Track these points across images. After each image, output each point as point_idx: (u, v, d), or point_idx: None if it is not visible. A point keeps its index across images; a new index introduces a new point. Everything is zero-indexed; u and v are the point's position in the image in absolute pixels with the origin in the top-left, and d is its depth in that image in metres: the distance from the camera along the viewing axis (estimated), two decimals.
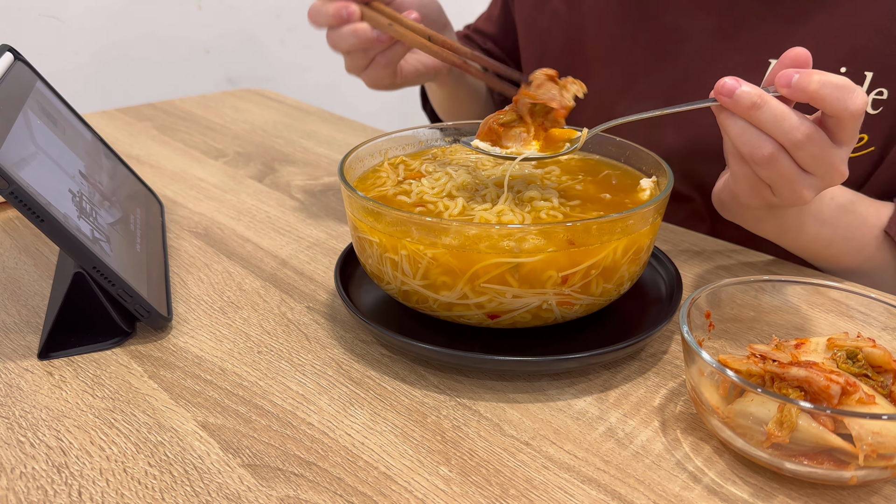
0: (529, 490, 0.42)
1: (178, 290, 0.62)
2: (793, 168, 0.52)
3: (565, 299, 0.50)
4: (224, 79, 1.76)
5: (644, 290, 0.60)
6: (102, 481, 0.42)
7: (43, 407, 0.48)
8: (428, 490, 0.42)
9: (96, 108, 1.16)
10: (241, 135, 1.04)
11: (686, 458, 0.45)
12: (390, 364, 0.53)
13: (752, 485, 0.42)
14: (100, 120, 1.09)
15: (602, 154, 0.65)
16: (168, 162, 0.92)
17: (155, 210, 0.74)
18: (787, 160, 0.51)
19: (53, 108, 0.63)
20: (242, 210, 0.78)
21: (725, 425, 0.43)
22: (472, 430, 0.47)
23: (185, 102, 1.19)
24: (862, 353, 0.44)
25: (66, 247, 0.51)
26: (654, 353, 0.54)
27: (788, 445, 0.40)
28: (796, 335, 0.52)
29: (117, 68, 1.63)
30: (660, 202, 0.51)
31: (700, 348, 0.43)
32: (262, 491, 0.42)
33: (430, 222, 0.48)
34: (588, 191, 0.58)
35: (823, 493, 0.42)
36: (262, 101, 1.21)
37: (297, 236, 0.72)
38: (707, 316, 0.50)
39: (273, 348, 0.55)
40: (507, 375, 0.52)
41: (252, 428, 0.46)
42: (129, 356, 0.53)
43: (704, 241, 0.72)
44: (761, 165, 0.52)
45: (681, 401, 0.49)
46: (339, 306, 0.60)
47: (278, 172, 0.90)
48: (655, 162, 0.58)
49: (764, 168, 0.52)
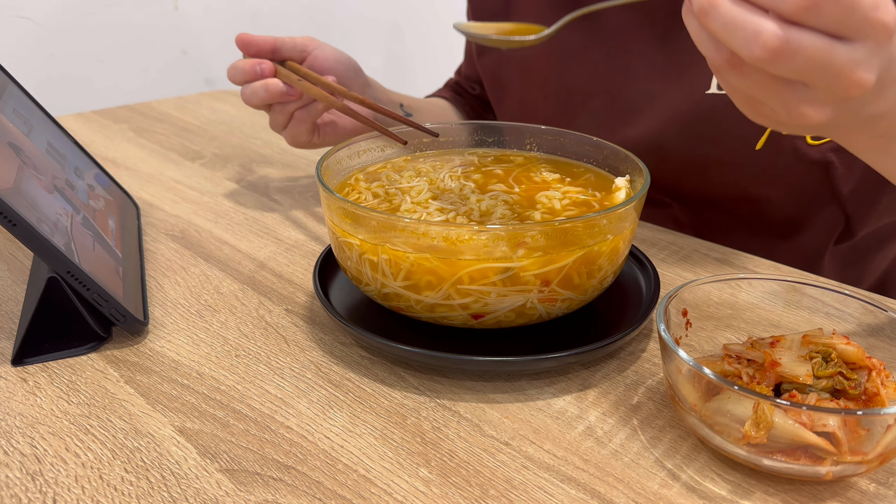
0: (509, 490, 0.42)
1: (154, 293, 0.62)
2: (772, 80, 0.41)
3: (548, 297, 0.50)
4: (201, 80, 1.75)
5: (622, 289, 0.60)
6: (78, 488, 0.42)
7: (17, 414, 0.47)
8: (408, 492, 0.42)
9: (71, 110, 1.15)
10: (218, 136, 1.03)
11: (664, 455, 0.45)
12: (370, 366, 0.53)
13: (730, 481, 0.43)
14: (75, 122, 1.07)
15: (578, 155, 0.65)
16: (144, 164, 0.91)
17: (131, 213, 0.73)
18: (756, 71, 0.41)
19: (27, 110, 0.62)
20: (220, 212, 0.78)
21: (703, 423, 0.43)
22: (451, 430, 0.47)
23: (161, 104, 1.18)
24: (835, 352, 0.45)
25: (39, 251, 0.50)
26: (633, 351, 0.55)
27: (765, 443, 0.41)
28: (773, 332, 0.52)
29: (92, 70, 1.61)
30: (639, 200, 0.52)
31: (677, 346, 0.43)
32: (240, 496, 0.41)
33: (411, 223, 0.48)
34: None
35: (800, 489, 0.42)
36: (239, 102, 1.20)
37: (275, 238, 0.72)
38: (684, 314, 0.51)
39: (251, 351, 0.54)
40: (487, 376, 0.52)
41: (230, 432, 0.46)
42: (104, 361, 0.53)
43: (682, 239, 0.73)
44: (727, 76, 0.43)
45: (659, 399, 0.50)
46: (318, 308, 0.60)
47: (256, 174, 0.89)
48: (633, 162, 0.58)
49: (734, 78, 0.43)
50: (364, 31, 1.97)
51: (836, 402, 0.43)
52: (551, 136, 0.66)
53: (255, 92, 0.73)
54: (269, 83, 0.72)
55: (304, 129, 0.76)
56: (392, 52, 2.05)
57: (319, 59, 0.77)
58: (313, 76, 0.73)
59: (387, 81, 0.91)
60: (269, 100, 0.73)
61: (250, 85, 0.73)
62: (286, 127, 0.77)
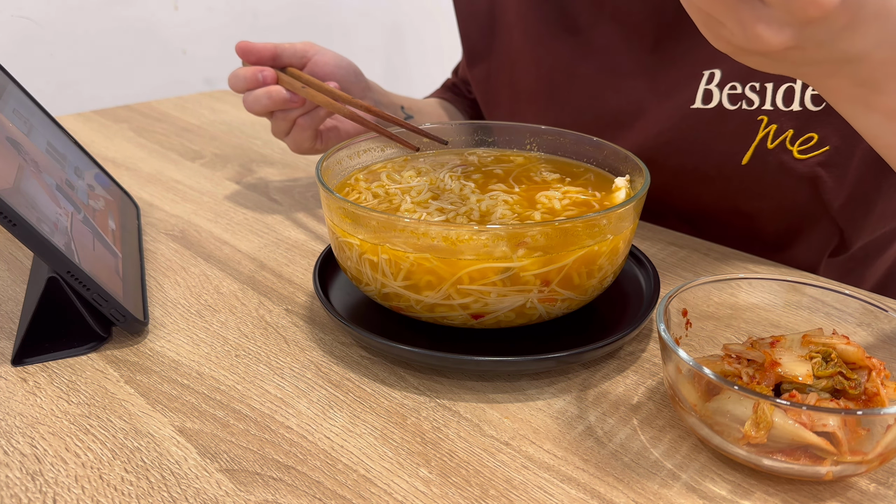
0: (509, 490, 0.42)
1: (154, 293, 0.62)
2: None
3: (548, 297, 0.50)
4: (202, 80, 1.75)
5: (623, 289, 0.60)
6: (78, 488, 0.42)
7: (17, 414, 0.47)
8: (408, 492, 0.42)
9: (71, 110, 1.15)
10: (218, 136, 1.03)
11: (664, 455, 0.45)
12: (370, 366, 0.53)
13: (730, 481, 0.43)
14: (75, 122, 1.07)
15: (578, 155, 0.65)
16: (144, 164, 0.91)
17: (131, 213, 0.73)
18: None
19: (27, 110, 0.62)
20: (220, 212, 0.78)
21: (703, 423, 0.43)
22: (451, 430, 0.47)
23: (161, 104, 1.18)
24: (835, 352, 0.45)
25: (39, 251, 0.50)
26: (633, 351, 0.55)
27: (765, 443, 0.41)
28: (773, 332, 0.52)
29: (92, 70, 1.61)
30: (638, 200, 0.52)
31: (677, 346, 0.43)
32: (240, 496, 0.41)
33: (411, 223, 0.48)
34: None
35: (800, 489, 0.42)
36: (239, 102, 1.20)
37: (275, 238, 0.72)
38: (684, 314, 0.51)
39: (251, 351, 0.54)
40: (487, 376, 0.52)
41: (230, 432, 0.46)
42: (104, 361, 0.53)
43: (682, 239, 0.73)
44: None
45: (659, 399, 0.50)
46: (318, 308, 0.60)
47: (256, 174, 0.89)
48: (633, 162, 0.58)
49: None
50: (364, 32, 1.97)
51: (836, 402, 0.43)
52: (551, 136, 0.66)
53: (258, 99, 0.73)
54: (272, 90, 0.72)
55: (307, 135, 0.76)
56: (392, 52, 2.05)
57: (320, 65, 0.77)
58: (316, 83, 0.73)
59: (386, 82, 0.92)
60: (272, 107, 0.73)
61: (253, 92, 0.73)
62: (289, 133, 0.77)
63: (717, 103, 0.69)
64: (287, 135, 0.77)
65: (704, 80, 0.69)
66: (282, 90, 0.72)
